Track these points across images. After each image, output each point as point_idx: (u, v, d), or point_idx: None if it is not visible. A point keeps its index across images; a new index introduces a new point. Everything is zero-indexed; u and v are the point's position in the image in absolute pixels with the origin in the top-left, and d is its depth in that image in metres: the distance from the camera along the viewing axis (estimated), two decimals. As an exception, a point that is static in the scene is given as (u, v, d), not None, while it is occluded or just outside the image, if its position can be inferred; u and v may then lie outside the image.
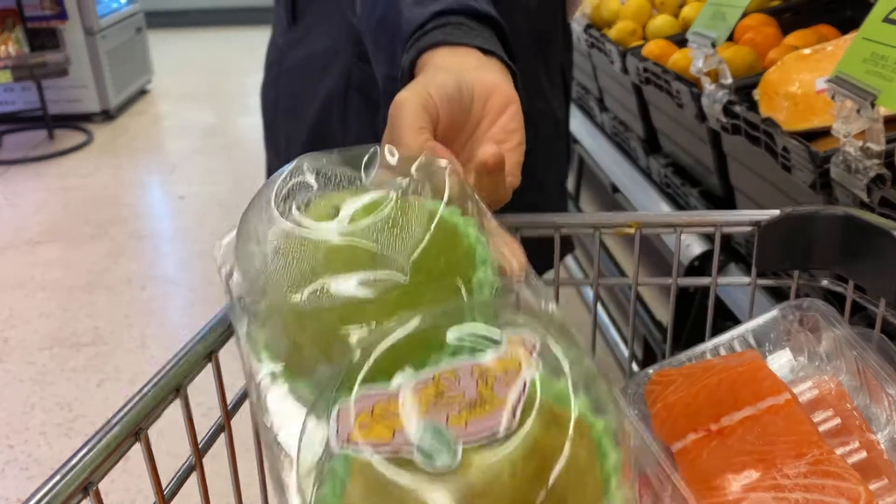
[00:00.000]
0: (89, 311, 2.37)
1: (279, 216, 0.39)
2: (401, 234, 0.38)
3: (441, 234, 0.38)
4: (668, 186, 1.51)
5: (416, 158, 0.42)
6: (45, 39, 3.88)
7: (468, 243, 0.40)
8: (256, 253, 0.39)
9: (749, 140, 1.04)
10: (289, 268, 0.37)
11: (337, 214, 0.39)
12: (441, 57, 0.51)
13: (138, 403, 0.37)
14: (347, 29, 0.90)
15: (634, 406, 0.52)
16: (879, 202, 0.78)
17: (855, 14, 1.32)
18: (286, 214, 0.39)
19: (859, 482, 0.42)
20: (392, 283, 0.36)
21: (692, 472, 0.45)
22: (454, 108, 0.47)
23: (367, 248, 0.37)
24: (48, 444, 1.80)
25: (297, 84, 1.01)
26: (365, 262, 0.37)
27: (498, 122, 0.49)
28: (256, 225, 0.40)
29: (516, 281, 0.41)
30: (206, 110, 4.56)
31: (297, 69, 0.99)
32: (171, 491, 0.40)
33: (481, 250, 0.40)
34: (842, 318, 0.53)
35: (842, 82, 0.75)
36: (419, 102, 0.45)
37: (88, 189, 3.39)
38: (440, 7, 0.54)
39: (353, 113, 0.95)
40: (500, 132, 0.49)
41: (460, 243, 0.39)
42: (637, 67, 1.44)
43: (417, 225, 0.38)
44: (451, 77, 0.48)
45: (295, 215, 0.39)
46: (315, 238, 0.38)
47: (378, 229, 0.38)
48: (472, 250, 0.40)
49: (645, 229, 0.59)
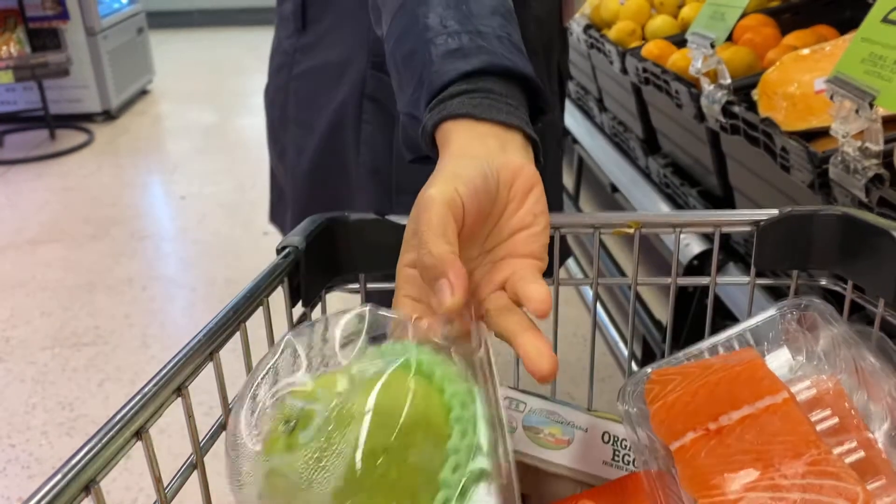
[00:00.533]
0: (90, 310, 2.38)
1: (246, 441, 0.39)
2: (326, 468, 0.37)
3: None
4: (667, 186, 1.51)
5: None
6: (46, 39, 3.89)
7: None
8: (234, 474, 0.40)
9: (748, 140, 1.04)
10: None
11: (285, 427, 0.39)
12: (464, 134, 0.50)
13: (139, 403, 0.37)
14: (362, 36, 0.89)
15: (633, 405, 0.52)
16: (878, 202, 0.78)
17: (854, 14, 1.32)
18: (252, 439, 0.39)
19: (857, 482, 0.42)
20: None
21: (690, 471, 0.45)
22: (481, 199, 0.47)
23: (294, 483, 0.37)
24: (49, 444, 1.80)
25: (310, 91, 0.99)
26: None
27: (524, 205, 0.49)
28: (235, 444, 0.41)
29: None
30: (208, 111, 4.56)
31: (310, 75, 0.98)
32: (172, 490, 0.40)
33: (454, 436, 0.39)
34: (840, 318, 0.53)
35: (840, 82, 0.76)
36: (445, 203, 0.44)
37: (89, 189, 3.39)
38: (470, 67, 0.53)
39: (366, 120, 0.94)
40: (526, 216, 0.49)
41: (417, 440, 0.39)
42: (636, 68, 1.45)
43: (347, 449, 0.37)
44: (477, 168, 0.47)
45: (255, 444, 0.39)
46: (264, 469, 0.38)
47: (305, 464, 0.37)
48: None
49: (644, 229, 0.59)
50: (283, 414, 0.39)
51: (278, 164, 1.08)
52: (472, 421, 0.40)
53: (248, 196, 3.23)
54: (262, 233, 2.89)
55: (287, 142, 1.03)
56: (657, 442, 0.48)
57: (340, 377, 0.40)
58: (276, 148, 1.07)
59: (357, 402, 0.38)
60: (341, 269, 0.59)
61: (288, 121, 1.02)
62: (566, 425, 0.55)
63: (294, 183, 1.03)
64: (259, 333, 0.50)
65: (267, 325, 0.50)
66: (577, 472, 0.53)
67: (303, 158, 1.00)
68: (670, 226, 0.59)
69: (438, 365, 0.41)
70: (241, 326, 0.46)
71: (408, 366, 0.40)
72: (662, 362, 0.56)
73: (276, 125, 1.05)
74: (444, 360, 0.42)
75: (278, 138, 1.05)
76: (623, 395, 0.52)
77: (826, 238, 0.57)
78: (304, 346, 0.42)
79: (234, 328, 0.45)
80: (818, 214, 0.57)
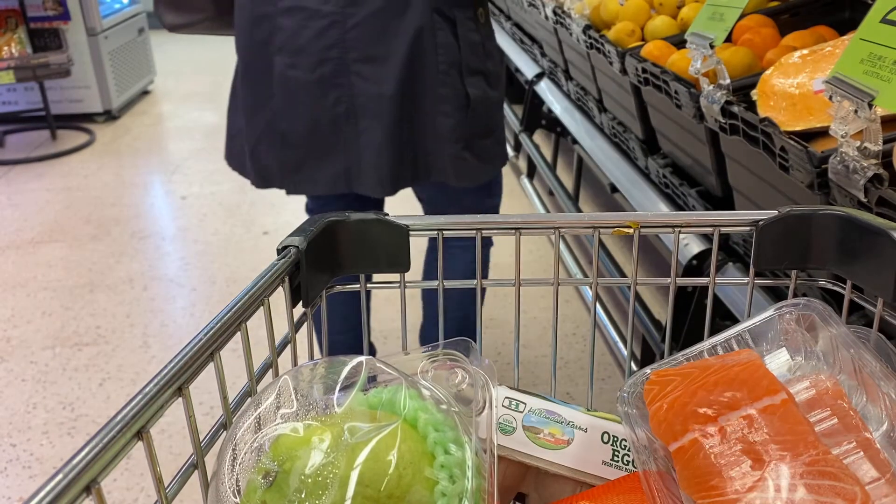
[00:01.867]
0: (91, 310, 2.38)
1: (227, 487, 0.40)
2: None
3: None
4: (666, 186, 1.51)
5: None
6: (47, 40, 3.89)
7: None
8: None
9: (747, 140, 1.04)
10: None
11: (264, 481, 0.39)
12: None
13: (140, 403, 0.37)
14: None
15: (633, 405, 0.53)
16: (877, 202, 0.78)
17: (853, 15, 1.32)
18: (232, 486, 0.40)
19: (856, 482, 0.42)
20: None
21: (689, 472, 0.45)
22: None
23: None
24: (50, 444, 1.81)
25: (378, 29, 1.28)
26: None
27: None
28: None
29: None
30: (208, 111, 4.56)
31: (376, 16, 1.27)
32: (173, 490, 0.41)
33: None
34: (839, 318, 0.53)
35: (839, 83, 0.76)
36: None
37: (90, 189, 3.40)
38: None
39: (439, 28, 1.29)
40: None
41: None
42: (636, 68, 1.45)
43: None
44: None
45: (234, 495, 0.40)
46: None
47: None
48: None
49: (643, 229, 0.59)
50: (263, 467, 0.39)
51: (334, 107, 1.32)
52: (460, 465, 0.40)
53: (249, 196, 3.23)
54: (263, 233, 2.90)
55: (354, 82, 1.30)
56: (656, 442, 0.48)
57: (327, 432, 0.40)
58: (329, 95, 1.31)
59: (339, 467, 0.38)
60: (342, 268, 0.59)
61: (349, 65, 1.29)
62: (566, 425, 0.55)
63: (377, 109, 1.31)
64: (260, 333, 0.50)
65: (268, 325, 0.51)
66: (577, 472, 0.53)
67: (385, 86, 1.30)
68: (669, 226, 0.59)
69: (424, 411, 0.42)
70: (242, 326, 0.47)
71: (395, 433, 0.40)
72: (662, 363, 0.56)
73: (329, 76, 1.30)
74: (429, 407, 0.42)
75: (338, 83, 1.30)
76: (622, 396, 0.52)
77: (825, 238, 0.57)
78: (295, 388, 0.42)
79: (234, 328, 0.45)
80: (817, 214, 0.57)
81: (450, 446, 0.40)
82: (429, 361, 0.46)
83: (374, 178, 1.34)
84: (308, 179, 1.37)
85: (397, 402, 0.42)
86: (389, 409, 0.42)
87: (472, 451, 0.41)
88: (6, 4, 3.78)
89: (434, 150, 1.36)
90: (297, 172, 1.37)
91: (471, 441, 0.41)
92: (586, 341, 2.05)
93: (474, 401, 0.44)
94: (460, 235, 0.60)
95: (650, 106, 1.54)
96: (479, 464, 0.41)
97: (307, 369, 0.44)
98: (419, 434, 0.41)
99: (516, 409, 0.55)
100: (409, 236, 0.59)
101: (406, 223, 0.59)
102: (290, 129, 1.33)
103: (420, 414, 0.42)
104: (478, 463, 0.40)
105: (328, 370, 0.43)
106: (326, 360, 0.44)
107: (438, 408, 0.43)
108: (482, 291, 0.63)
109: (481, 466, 0.41)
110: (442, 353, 0.46)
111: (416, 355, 0.47)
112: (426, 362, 0.46)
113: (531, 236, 2.64)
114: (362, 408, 0.42)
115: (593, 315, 0.66)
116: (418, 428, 0.41)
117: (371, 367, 0.44)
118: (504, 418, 0.53)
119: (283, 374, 0.44)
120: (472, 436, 0.42)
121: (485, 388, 0.45)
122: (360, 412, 0.42)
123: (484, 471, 0.41)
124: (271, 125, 1.35)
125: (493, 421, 0.43)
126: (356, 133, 1.33)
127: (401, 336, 0.63)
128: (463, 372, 0.45)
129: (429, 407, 0.42)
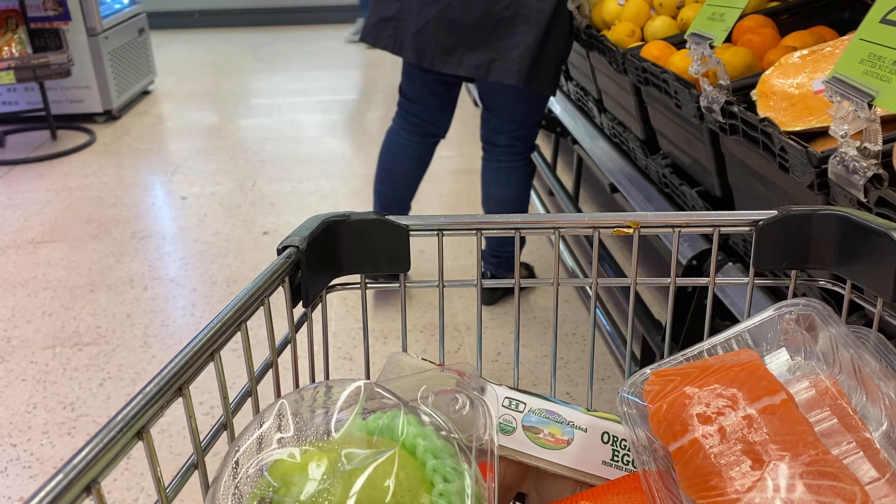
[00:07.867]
0: (91, 310, 2.38)
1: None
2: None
3: None
4: (666, 186, 1.51)
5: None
6: (48, 40, 3.89)
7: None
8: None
9: (747, 140, 1.04)
10: None
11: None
12: None
13: (140, 402, 0.37)
14: None
15: (633, 405, 0.53)
16: (877, 202, 0.78)
17: (853, 15, 1.32)
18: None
19: (855, 482, 0.42)
20: None
21: (689, 472, 0.45)
22: None
23: None
24: (51, 443, 1.81)
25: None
26: None
27: None
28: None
29: None
30: (209, 111, 4.56)
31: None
32: (173, 489, 0.41)
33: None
34: (839, 318, 0.54)
35: (839, 83, 0.76)
36: None
37: (91, 189, 3.40)
38: None
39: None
40: None
41: None
42: (636, 68, 1.45)
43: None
44: None
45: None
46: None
47: None
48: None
49: (643, 229, 0.59)
50: (259, 491, 0.39)
51: (503, 10, 1.71)
52: (459, 494, 0.40)
53: (249, 196, 3.23)
54: (263, 233, 2.90)
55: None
56: (656, 442, 0.48)
57: (324, 458, 0.40)
58: (502, 2, 1.71)
59: (335, 494, 0.38)
60: (342, 268, 0.59)
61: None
62: (566, 425, 0.55)
63: (536, 19, 1.69)
64: (260, 333, 0.50)
65: (268, 325, 0.51)
66: (577, 472, 0.53)
67: (546, 3, 1.68)
68: (669, 226, 0.59)
69: (423, 437, 0.42)
70: (242, 326, 0.47)
71: (392, 460, 0.40)
72: (662, 363, 0.56)
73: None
74: (429, 433, 0.42)
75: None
76: (622, 396, 0.52)
77: (825, 238, 0.57)
78: (294, 412, 0.42)
79: (234, 328, 0.46)
80: (817, 214, 0.57)
81: (449, 474, 0.40)
82: (429, 387, 0.46)
83: (515, 70, 1.72)
84: (456, 61, 1.77)
85: (396, 427, 0.42)
86: (388, 435, 0.42)
87: (472, 479, 0.40)
88: (6, 4, 3.78)
89: (541, 61, 1.75)
90: (450, 55, 1.77)
91: (470, 468, 0.41)
92: (586, 341, 2.05)
93: (474, 426, 0.44)
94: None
95: (650, 106, 1.54)
96: (478, 492, 0.40)
97: (308, 392, 0.44)
98: (418, 461, 0.41)
99: (516, 409, 0.55)
100: (409, 236, 0.59)
101: (406, 223, 0.59)
102: (459, 19, 1.73)
103: (419, 440, 0.41)
104: (477, 491, 0.40)
105: (328, 394, 0.43)
106: (327, 383, 0.44)
107: (438, 434, 0.43)
108: (482, 289, 0.64)
109: (481, 495, 0.40)
110: (446, 370, 0.46)
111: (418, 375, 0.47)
112: (426, 387, 0.45)
113: (531, 236, 2.64)
114: (360, 433, 0.42)
115: (593, 315, 0.66)
116: (417, 455, 0.41)
117: (370, 392, 0.44)
118: (504, 418, 0.53)
119: (283, 396, 0.43)
120: (472, 463, 0.42)
121: (486, 415, 0.45)
122: (358, 438, 0.42)
123: (483, 500, 0.40)
124: (443, 13, 1.75)
125: (494, 425, 0.43)
126: (511, 34, 1.71)
127: (401, 336, 0.63)
128: (464, 397, 0.45)
129: (428, 433, 0.42)
